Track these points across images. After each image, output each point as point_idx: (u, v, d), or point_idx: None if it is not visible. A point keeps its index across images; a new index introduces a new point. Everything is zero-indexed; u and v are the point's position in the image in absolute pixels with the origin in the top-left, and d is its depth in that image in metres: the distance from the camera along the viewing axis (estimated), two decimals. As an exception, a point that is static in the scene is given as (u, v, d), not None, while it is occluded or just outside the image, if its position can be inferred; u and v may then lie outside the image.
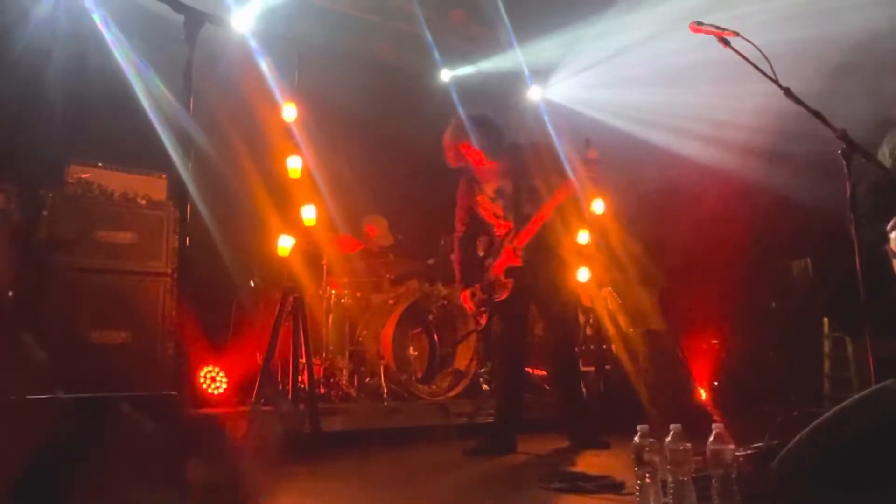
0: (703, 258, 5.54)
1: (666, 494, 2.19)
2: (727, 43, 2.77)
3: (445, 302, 5.16)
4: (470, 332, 5.07)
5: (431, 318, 5.19)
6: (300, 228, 4.25)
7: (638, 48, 5.76)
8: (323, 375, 4.74)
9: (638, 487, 2.24)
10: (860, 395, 2.15)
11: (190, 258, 2.54)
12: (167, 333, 4.00)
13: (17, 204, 3.92)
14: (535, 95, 6.80)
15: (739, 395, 5.13)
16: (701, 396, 5.03)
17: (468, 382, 5.01)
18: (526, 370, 4.87)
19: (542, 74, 6.74)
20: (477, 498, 2.90)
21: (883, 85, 4.37)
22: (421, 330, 5.21)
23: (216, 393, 4.53)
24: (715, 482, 2.15)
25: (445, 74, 6.69)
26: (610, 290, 5.36)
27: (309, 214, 4.33)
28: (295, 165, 4.15)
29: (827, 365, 5.13)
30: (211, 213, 4.40)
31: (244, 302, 5.10)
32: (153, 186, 4.31)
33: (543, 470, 3.12)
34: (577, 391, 4.03)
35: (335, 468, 3.54)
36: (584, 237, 5.32)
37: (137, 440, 1.70)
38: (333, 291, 5.10)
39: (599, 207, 5.09)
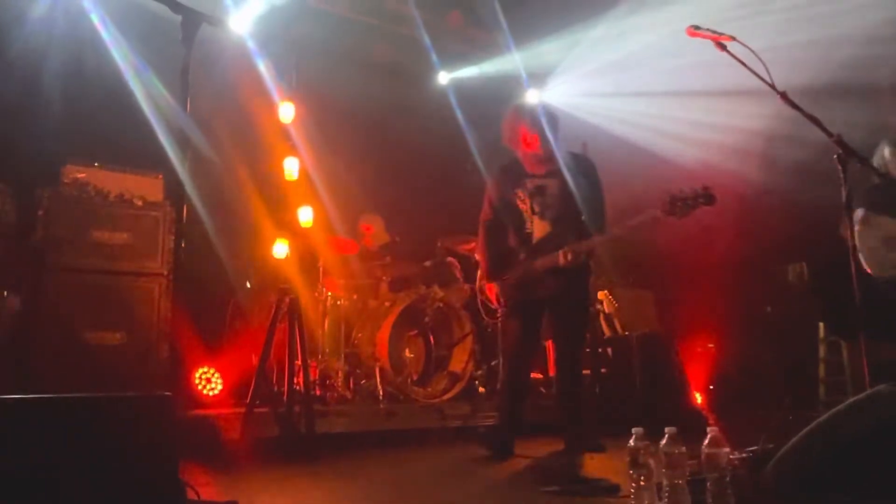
0: (699, 262, 5.55)
1: (661, 498, 2.18)
2: (724, 47, 2.79)
3: (441, 304, 5.15)
4: (466, 334, 5.07)
5: (427, 320, 5.18)
6: (296, 230, 4.24)
7: (635, 52, 5.77)
8: (318, 377, 4.72)
9: (633, 490, 2.24)
10: (854, 399, 2.16)
11: (186, 259, 2.54)
12: (162, 334, 3.99)
13: (12, 203, 3.91)
14: (532, 99, 6.81)
15: (734, 398, 5.14)
16: (696, 400, 5.04)
17: (464, 385, 5.01)
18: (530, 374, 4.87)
19: (539, 78, 6.75)
20: (472, 501, 2.89)
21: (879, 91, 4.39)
22: (417, 332, 5.20)
23: (211, 394, 4.52)
24: (710, 485, 2.15)
25: (443, 77, 6.69)
26: (606, 293, 5.37)
27: (305, 216, 4.33)
28: (292, 167, 4.15)
29: (822, 369, 5.13)
30: (207, 214, 4.40)
31: (240, 303, 5.09)
32: (149, 187, 4.31)
33: (539, 473, 3.11)
34: (578, 394, 4.03)
35: (330, 470, 3.54)
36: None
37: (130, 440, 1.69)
38: (329, 293, 5.09)
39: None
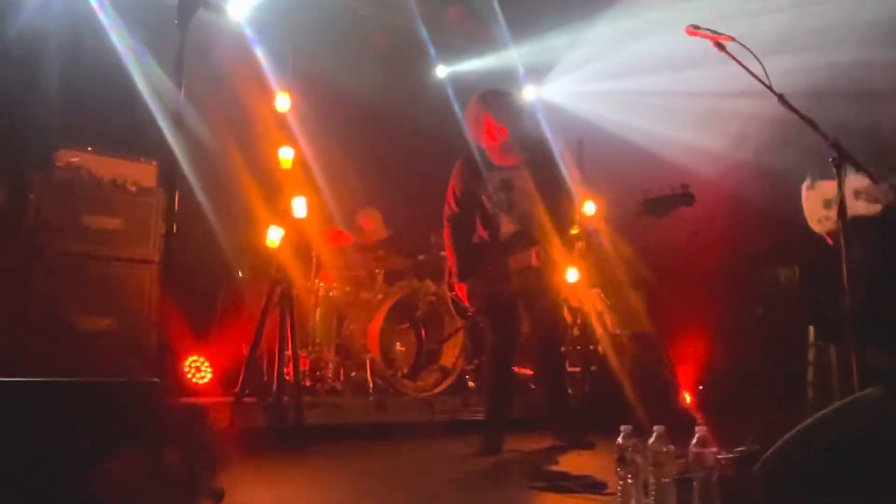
0: (691, 263, 5.55)
1: (647, 495, 2.19)
2: (722, 47, 2.78)
3: (434, 298, 5.15)
4: (457, 328, 5.06)
5: (419, 314, 5.18)
6: (290, 220, 4.23)
7: (633, 51, 5.77)
8: (308, 368, 4.72)
9: (620, 488, 2.24)
10: (842, 402, 2.17)
11: (178, 246, 2.52)
12: (152, 321, 3.97)
13: (4, 187, 3.89)
14: (529, 94, 6.80)
15: (723, 399, 5.15)
16: (685, 400, 5.05)
17: (454, 379, 5.00)
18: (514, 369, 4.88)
19: (537, 74, 6.74)
20: (459, 496, 2.90)
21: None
22: (408, 325, 5.20)
23: (201, 382, 4.51)
24: (696, 485, 2.15)
25: (441, 70, 6.68)
26: (599, 291, 5.37)
27: (300, 206, 4.31)
28: (287, 156, 4.13)
29: (811, 372, 5.15)
30: (201, 201, 4.38)
31: (232, 292, 5.07)
32: (143, 173, 4.28)
33: (526, 469, 3.12)
34: (562, 390, 4.03)
35: (318, 462, 3.54)
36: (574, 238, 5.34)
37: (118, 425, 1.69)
38: (322, 284, 5.08)
39: (590, 209, 5.10)
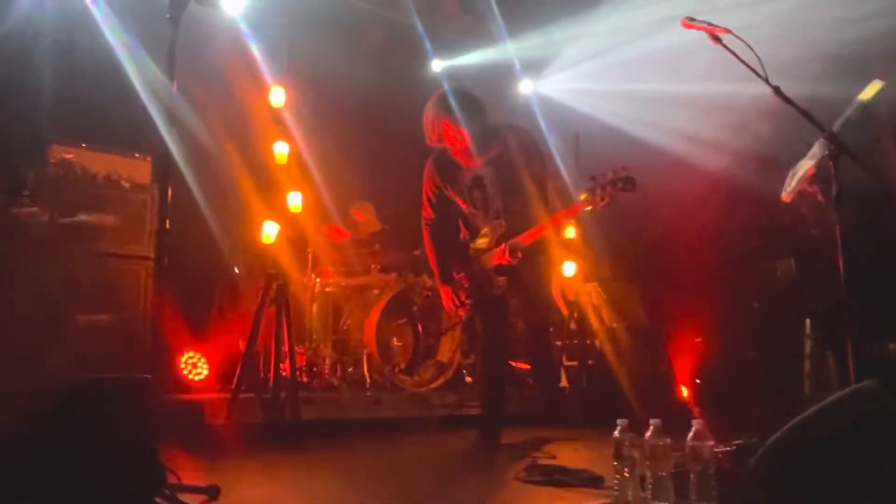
0: (688, 256, 5.55)
1: (644, 489, 2.19)
2: (719, 40, 2.77)
3: (430, 293, 5.14)
4: (454, 323, 5.06)
5: (416, 308, 5.17)
6: (286, 215, 4.21)
7: (630, 44, 5.75)
8: (305, 364, 4.71)
9: (616, 482, 2.24)
10: (839, 394, 2.16)
11: (173, 242, 2.51)
12: (148, 318, 3.96)
13: (-3, 184, 3.87)
14: (526, 89, 6.79)
15: (720, 392, 5.16)
16: (682, 393, 5.06)
17: (451, 374, 5.00)
18: (509, 364, 4.88)
19: (533, 68, 6.72)
20: (456, 490, 2.90)
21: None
22: (405, 321, 5.19)
23: (197, 379, 4.50)
24: (693, 478, 2.15)
25: (437, 65, 6.65)
26: (595, 285, 5.37)
27: (295, 201, 4.29)
28: (282, 151, 4.11)
29: (807, 365, 5.16)
30: (196, 197, 4.36)
31: (227, 288, 5.06)
32: (137, 169, 4.27)
33: (523, 463, 3.12)
34: (554, 378, 4.05)
35: (315, 457, 3.53)
36: (570, 232, 5.34)
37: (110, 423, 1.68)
38: (318, 280, 5.07)
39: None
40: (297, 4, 5.19)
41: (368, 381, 4.72)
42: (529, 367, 4.52)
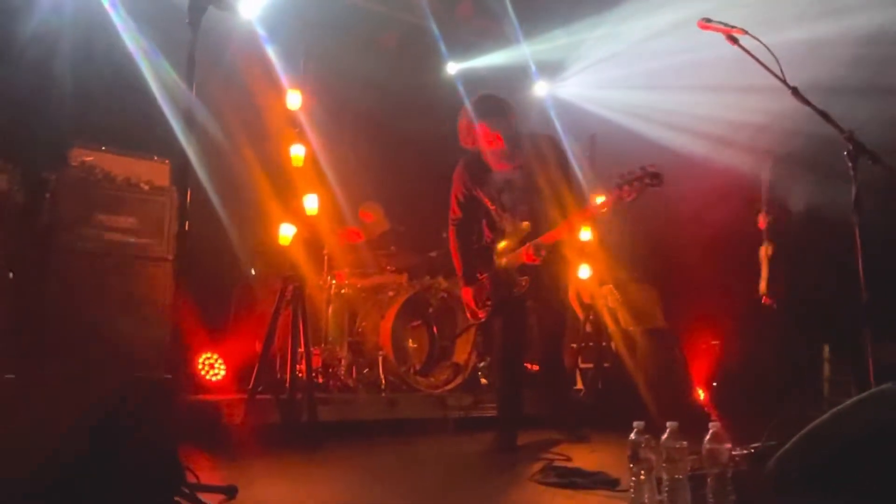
0: (705, 258, 5.52)
1: (660, 492, 2.18)
2: (735, 41, 2.76)
3: (445, 295, 5.15)
4: (469, 325, 5.06)
5: (431, 310, 5.18)
6: (302, 217, 4.24)
7: (645, 45, 5.73)
8: (321, 365, 4.73)
9: (633, 484, 2.24)
10: (858, 397, 2.14)
11: (191, 244, 2.54)
12: (166, 319, 4.00)
13: (20, 185, 3.92)
14: (541, 91, 6.78)
15: (737, 396, 5.12)
16: (699, 396, 5.02)
17: (466, 376, 5.00)
18: (525, 366, 4.87)
19: (548, 70, 6.72)
20: (472, 491, 2.90)
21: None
22: (420, 322, 5.19)
23: (214, 380, 4.53)
24: (710, 481, 2.14)
25: (452, 67, 6.66)
26: (611, 287, 5.35)
27: (311, 203, 4.32)
28: (298, 153, 4.14)
29: (827, 368, 5.11)
30: (213, 199, 4.40)
31: (244, 289, 5.10)
32: (156, 171, 4.30)
33: (539, 464, 3.12)
34: (561, 382, 4.10)
35: (331, 458, 3.55)
36: (586, 234, 5.32)
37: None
38: (334, 281, 5.09)
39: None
40: (312, 8, 5.23)
41: (384, 382, 4.74)
42: (538, 368, 4.51)
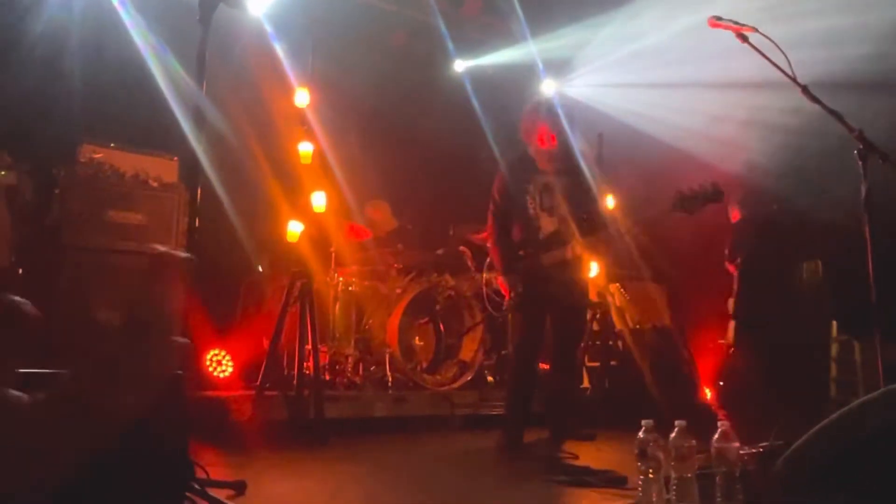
0: (712, 257, 5.50)
1: (669, 491, 2.18)
2: (745, 39, 2.75)
3: (452, 293, 5.15)
4: (476, 323, 5.07)
5: (438, 308, 5.18)
6: (310, 214, 4.25)
7: (654, 44, 5.72)
8: (328, 362, 4.74)
9: (641, 483, 2.23)
10: (867, 397, 2.13)
11: (199, 241, 2.55)
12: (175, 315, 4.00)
13: (29, 182, 3.94)
14: (548, 89, 6.76)
15: (744, 395, 5.11)
16: (706, 395, 5.01)
17: (473, 374, 5.01)
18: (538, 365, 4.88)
19: (556, 68, 6.70)
20: (479, 488, 2.90)
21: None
22: (427, 320, 5.20)
23: (222, 376, 4.55)
24: (718, 480, 2.14)
25: (459, 65, 6.66)
26: (619, 285, 5.34)
27: (319, 201, 4.32)
28: (306, 151, 4.14)
29: (834, 369, 5.09)
30: (221, 196, 4.41)
31: (252, 286, 5.11)
32: (165, 168, 4.32)
33: (547, 463, 3.12)
34: (569, 386, 4.10)
35: (338, 454, 3.56)
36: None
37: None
38: (341, 279, 5.10)
39: (610, 203, 5.07)
40: (320, 5, 5.23)
41: (390, 379, 4.74)
42: (549, 368, 4.52)
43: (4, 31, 4.50)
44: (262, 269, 5.14)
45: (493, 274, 4.09)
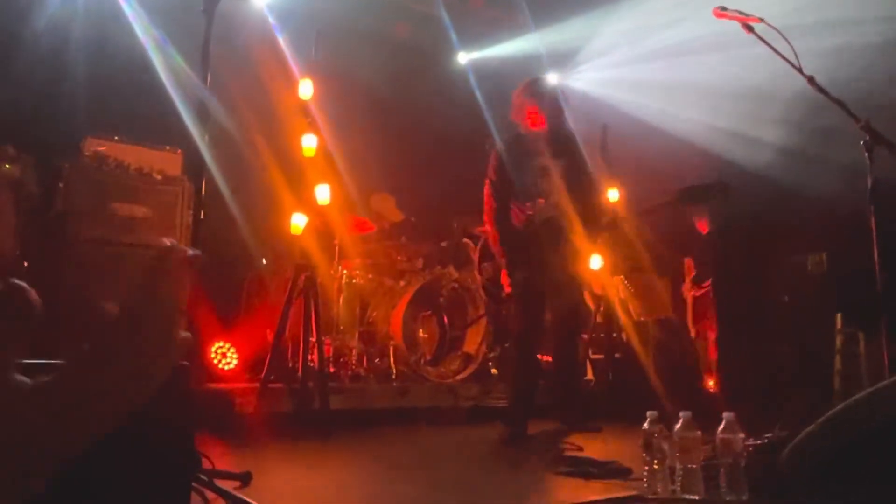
0: (717, 250, 5.49)
1: (674, 481, 2.18)
2: (751, 29, 2.74)
3: (456, 285, 5.15)
4: (480, 315, 5.07)
5: (442, 300, 5.18)
6: (314, 207, 4.24)
7: (658, 35, 5.69)
8: (332, 354, 4.75)
9: (646, 473, 2.24)
10: (876, 387, 2.13)
11: (203, 234, 2.54)
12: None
13: (33, 174, 3.94)
14: (552, 81, 6.73)
15: (748, 388, 5.11)
16: (709, 387, 5.01)
17: (477, 366, 5.01)
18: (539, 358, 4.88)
19: (560, 59, 6.68)
20: (483, 480, 2.91)
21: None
22: (431, 312, 5.20)
23: (226, 368, 4.56)
24: (723, 471, 2.14)
25: (463, 57, 6.64)
26: (622, 278, 5.34)
27: (323, 193, 4.32)
28: (310, 144, 4.13)
29: (838, 361, 5.08)
30: (225, 189, 4.41)
31: (256, 279, 5.11)
32: (168, 161, 4.32)
33: (551, 454, 3.12)
34: (573, 377, 4.09)
35: (342, 446, 3.57)
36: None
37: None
38: (345, 271, 5.10)
39: (614, 195, 5.06)
40: (324, -4, 5.21)
41: (395, 372, 4.75)
42: (551, 360, 4.52)
43: (9, 24, 4.50)
44: (266, 261, 5.14)
45: (488, 263, 4.04)
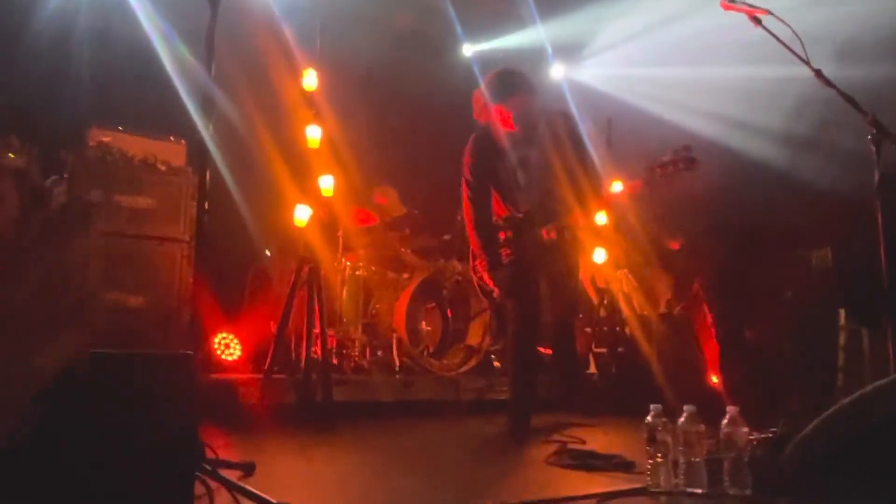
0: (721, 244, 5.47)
1: (677, 475, 2.18)
2: (758, 22, 2.72)
3: (460, 278, 5.15)
4: (483, 308, 5.06)
5: (445, 293, 5.19)
6: (318, 198, 4.24)
7: (664, 27, 5.66)
8: (336, 346, 4.75)
9: (649, 467, 2.24)
10: (880, 382, 2.13)
11: (207, 225, 2.54)
12: (183, 299, 4.03)
13: (37, 165, 3.94)
14: (557, 73, 6.72)
15: (751, 383, 5.10)
16: (713, 381, 5.01)
17: (480, 359, 5.02)
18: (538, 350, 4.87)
19: (565, 52, 6.66)
20: (486, 472, 2.91)
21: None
22: (434, 305, 5.21)
23: (230, 359, 4.56)
24: (727, 465, 2.14)
25: (467, 49, 6.62)
26: (626, 272, 5.33)
27: (326, 184, 4.31)
28: (314, 135, 4.13)
29: (841, 357, 5.07)
30: (229, 180, 4.41)
31: (260, 270, 5.11)
32: (173, 152, 4.32)
33: (553, 447, 3.12)
34: (574, 368, 4.13)
35: (345, 437, 3.58)
36: (602, 218, 5.29)
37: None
38: (349, 263, 5.10)
39: (618, 188, 5.04)
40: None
41: (398, 364, 4.76)
42: (551, 352, 4.51)
43: (13, 15, 4.50)
44: (269, 253, 5.14)
45: (476, 262, 3.84)
